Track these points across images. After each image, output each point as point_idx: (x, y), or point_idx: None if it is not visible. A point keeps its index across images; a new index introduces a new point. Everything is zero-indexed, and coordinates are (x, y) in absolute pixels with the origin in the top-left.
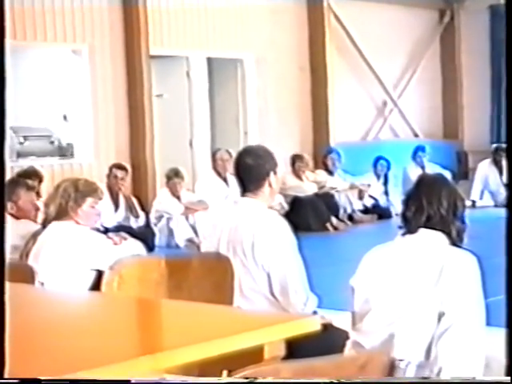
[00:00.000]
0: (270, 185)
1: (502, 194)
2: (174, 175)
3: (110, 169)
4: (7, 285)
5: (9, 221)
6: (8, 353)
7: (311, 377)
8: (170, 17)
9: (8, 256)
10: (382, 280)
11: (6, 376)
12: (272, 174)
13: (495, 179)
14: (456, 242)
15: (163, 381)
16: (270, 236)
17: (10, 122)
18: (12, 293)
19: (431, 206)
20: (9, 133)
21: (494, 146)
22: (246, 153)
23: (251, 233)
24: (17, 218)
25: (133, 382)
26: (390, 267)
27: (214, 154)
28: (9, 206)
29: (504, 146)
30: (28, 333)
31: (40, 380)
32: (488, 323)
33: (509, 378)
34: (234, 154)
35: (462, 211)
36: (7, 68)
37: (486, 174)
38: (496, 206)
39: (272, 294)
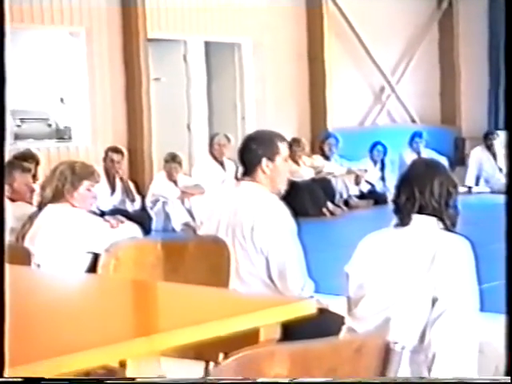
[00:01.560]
0: (264, 171)
1: (499, 179)
2: (171, 159)
3: (106, 152)
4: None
5: None
6: (7, 334)
7: (306, 359)
8: (168, 0)
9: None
10: (376, 266)
11: (6, 362)
12: (265, 160)
13: (490, 164)
14: (449, 227)
15: (166, 381)
16: (269, 220)
17: (7, 104)
18: (9, 274)
19: (423, 195)
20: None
21: (484, 132)
22: (249, 137)
23: (251, 216)
24: (12, 200)
25: (138, 380)
26: (383, 253)
27: (211, 139)
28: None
29: (494, 131)
30: (24, 314)
31: (41, 379)
32: (484, 309)
33: (509, 378)
34: (232, 139)
35: (455, 198)
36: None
37: (480, 160)
38: (492, 192)
39: (270, 278)
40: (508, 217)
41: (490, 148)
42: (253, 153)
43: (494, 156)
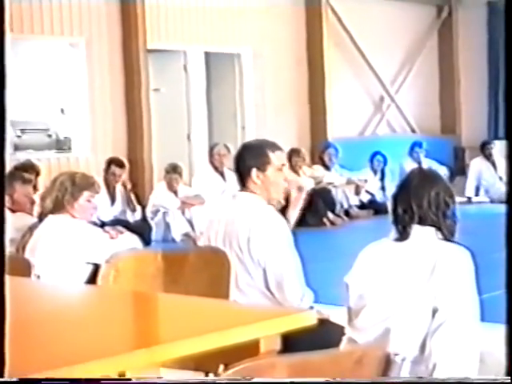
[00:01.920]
0: (254, 182)
1: (499, 188)
2: (172, 170)
3: (109, 164)
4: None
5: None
6: (7, 346)
7: (307, 371)
8: (168, 11)
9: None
10: (376, 276)
11: (5, 372)
12: (255, 170)
13: (490, 173)
14: (447, 237)
15: (162, 381)
16: (265, 231)
17: (7, 115)
18: (9, 286)
19: (421, 208)
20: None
21: (481, 142)
22: (243, 146)
23: (247, 227)
24: (13, 211)
25: (133, 381)
26: (383, 263)
27: (211, 149)
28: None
29: (491, 140)
30: (24, 325)
31: (40, 380)
32: (484, 319)
33: (509, 378)
34: (232, 149)
35: (453, 208)
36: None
37: (480, 170)
38: (492, 201)
39: (268, 289)
40: (508, 226)
41: (489, 157)
42: (244, 163)
43: (494, 165)
